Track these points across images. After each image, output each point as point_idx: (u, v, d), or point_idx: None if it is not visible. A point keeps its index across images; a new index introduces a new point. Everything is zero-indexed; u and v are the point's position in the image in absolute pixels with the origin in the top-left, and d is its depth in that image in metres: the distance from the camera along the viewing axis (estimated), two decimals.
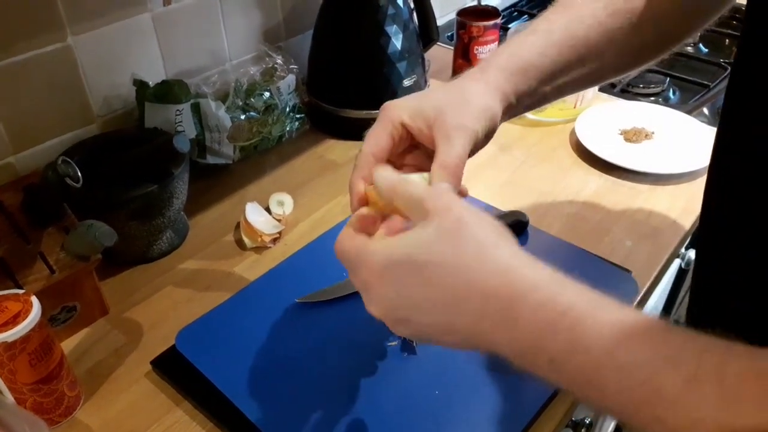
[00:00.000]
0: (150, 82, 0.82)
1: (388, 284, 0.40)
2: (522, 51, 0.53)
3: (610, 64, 0.57)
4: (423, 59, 1.01)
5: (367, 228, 0.44)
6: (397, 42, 0.93)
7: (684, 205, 0.83)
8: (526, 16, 1.43)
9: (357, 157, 0.50)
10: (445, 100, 0.49)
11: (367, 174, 0.48)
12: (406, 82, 0.96)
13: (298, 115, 0.97)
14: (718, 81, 1.14)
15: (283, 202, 0.83)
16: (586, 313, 0.34)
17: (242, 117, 0.88)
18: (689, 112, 1.00)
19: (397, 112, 0.49)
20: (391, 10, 0.92)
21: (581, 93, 0.98)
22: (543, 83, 0.54)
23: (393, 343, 0.63)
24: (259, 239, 0.77)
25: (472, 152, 0.49)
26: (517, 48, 0.53)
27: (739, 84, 0.49)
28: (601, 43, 0.55)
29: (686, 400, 0.31)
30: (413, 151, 0.52)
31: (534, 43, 0.53)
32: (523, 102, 0.54)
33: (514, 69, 0.52)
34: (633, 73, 0.61)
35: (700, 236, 0.59)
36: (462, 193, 0.50)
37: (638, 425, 0.33)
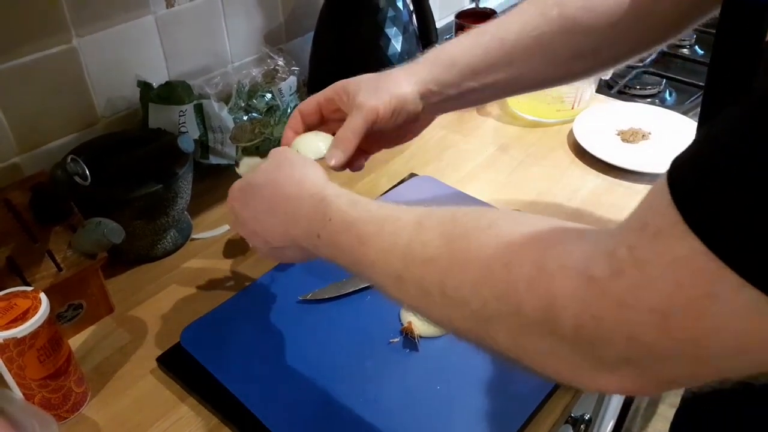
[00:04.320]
0: (154, 84, 0.83)
1: (242, 204, 0.56)
2: (450, 47, 0.61)
3: (537, 70, 0.62)
4: None
5: None
6: (396, 44, 0.94)
7: None
8: None
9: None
10: (365, 82, 0.60)
11: (294, 125, 0.63)
12: None
13: None
14: None
15: None
16: (342, 202, 0.49)
17: (244, 118, 0.89)
18: (685, 113, 1.02)
19: (331, 88, 0.62)
20: (390, 13, 0.93)
21: (579, 94, 0.99)
22: (466, 77, 0.61)
23: (395, 340, 0.64)
24: None
25: (380, 124, 0.59)
26: (449, 45, 0.62)
27: (714, 86, 0.50)
28: (530, 47, 0.59)
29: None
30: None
31: (464, 42, 0.61)
32: (447, 91, 0.61)
33: (438, 62, 0.61)
34: (578, 85, 0.65)
35: None
36: (358, 166, 0.64)
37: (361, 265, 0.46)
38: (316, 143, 0.61)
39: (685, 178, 0.28)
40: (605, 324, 0.30)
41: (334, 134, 0.61)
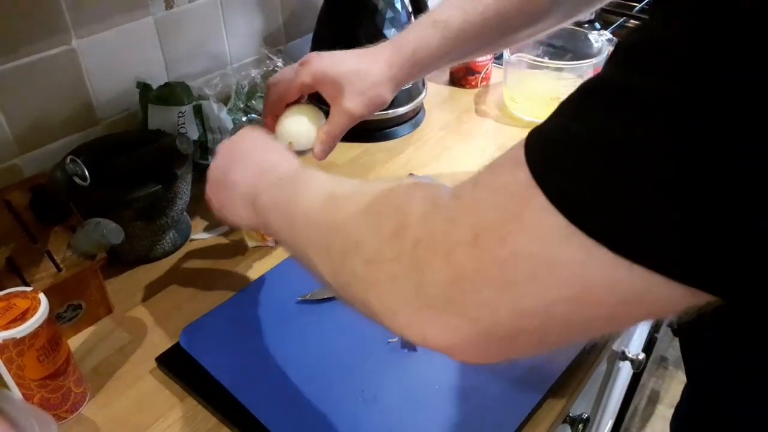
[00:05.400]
0: (153, 85, 0.83)
1: (240, 137, 0.60)
2: (421, 47, 0.64)
3: (494, 44, 0.69)
4: None
5: None
6: None
7: None
8: None
9: (267, 93, 0.69)
10: (346, 79, 0.64)
11: (276, 111, 0.68)
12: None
13: None
14: None
15: None
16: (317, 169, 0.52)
17: (243, 119, 0.89)
18: None
19: (310, 75, 0.65)
20: (389, 14, 0.94)
21: None
22: (438, 66, 0.67)
23: (393, 340, 0.64)
24: (261, 239, 0.78)
25: (363, 117, 0.66)
26: (418, 44, 0.64)
27: None
28: (493, 29, 0.64)
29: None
30: None
31: (432, 36, 0.64)
32: (417, 78, 0.70)
33: (414, 64, 0.65)
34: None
35: None
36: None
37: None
38: (306, 128, 0.67)
39: (539, 126, 0.31)
40: (435, 241, 0.32)
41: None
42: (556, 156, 0.28)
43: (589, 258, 0.26)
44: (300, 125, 0.66)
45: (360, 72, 0.64)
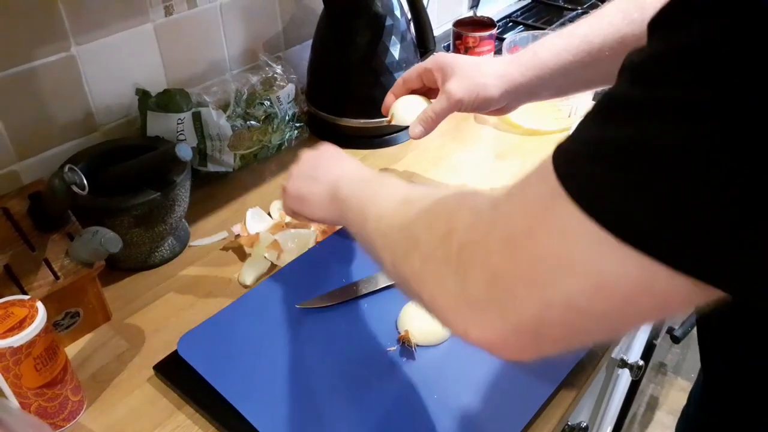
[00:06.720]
0: (152, 92, 0.83)
1: (325, 147, 0.68)
2: (543, 52, 0.67)
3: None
4: None
5: None
6: (394, 52, 0.95)
7: None
8: (521, 26, 1.44)
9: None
10: (457, 65, 0.69)
11: (396, 90, 0.77)
12: None
13: (297, 124, 0.98)
14: None
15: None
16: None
17: (243, 126, 0.89)
18: None
19: (431, 60, 0.73)
20: (388, 21, 0.94)
21: (575, 102, 1.00)
22: (553, 80, 0.68)
23: (392, 349, 0.64)
24: (275, 248, 0.78)
25: (462, 110, 0.72)
26: (541, 47, 0.68)
27: None
28: (614, 49, 0.64)
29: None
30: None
31: (555, 45, 0.67)
32: (533, 91, 0.70)
33: (531, 65, 0.68)
34: None
35: None
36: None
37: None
38: (412, 108, 0.75)
39: (563, 143, 0.33)
40: (475, 247, 0.35)
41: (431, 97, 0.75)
42: (579, 165, 0.30)
43: (604, 251, 0.28)
44: (404, 104, 0.76)
45: (472, 63, 0.69)
